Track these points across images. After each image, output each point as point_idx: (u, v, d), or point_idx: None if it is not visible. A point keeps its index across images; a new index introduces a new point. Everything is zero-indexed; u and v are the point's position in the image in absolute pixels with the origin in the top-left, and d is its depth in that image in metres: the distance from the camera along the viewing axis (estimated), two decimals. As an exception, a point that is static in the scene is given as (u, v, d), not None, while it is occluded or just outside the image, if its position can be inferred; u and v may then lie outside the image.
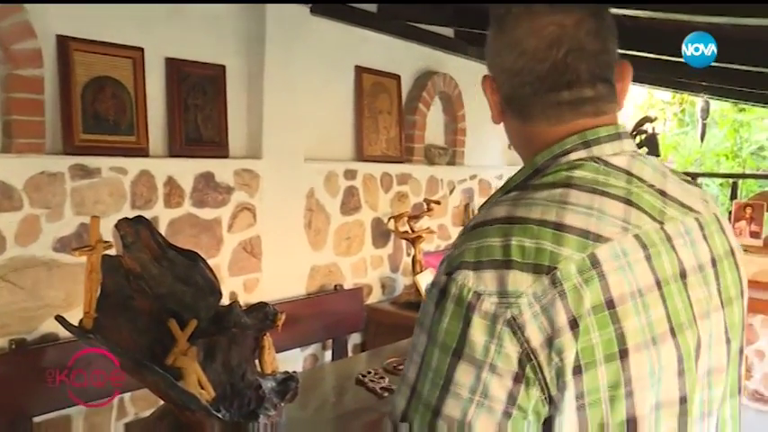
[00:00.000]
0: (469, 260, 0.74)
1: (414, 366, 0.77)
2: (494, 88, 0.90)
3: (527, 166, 0.86)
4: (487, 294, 0.71)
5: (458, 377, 0.72)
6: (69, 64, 2.44)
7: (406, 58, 4.04)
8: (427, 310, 0.76)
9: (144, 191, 2.61)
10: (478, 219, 0.79)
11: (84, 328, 1.39)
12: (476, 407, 0.71)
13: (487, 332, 0.71)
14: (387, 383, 2.30)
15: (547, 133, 0.86)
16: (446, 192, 4.41)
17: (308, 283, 3.43)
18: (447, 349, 0.73)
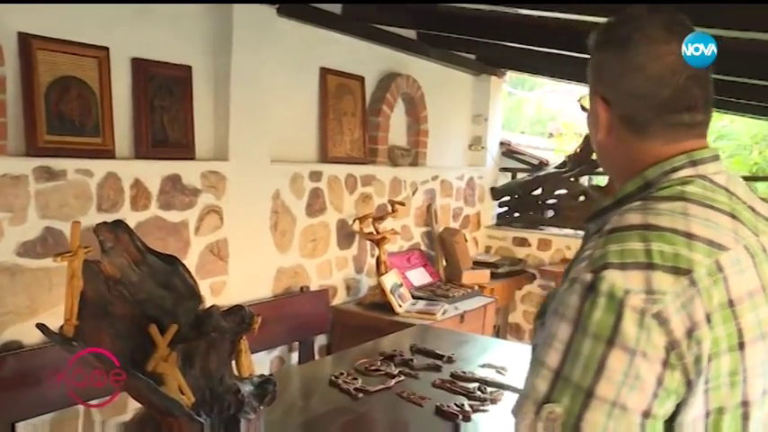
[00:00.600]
0: (615, 261, 0.85)
1: (555, 353, 0.87)
2: (606, 107, 0.99)
3: (637, 179, 0.97)
4: (635, 292, 0.82)
5: (611, 363, 0.82)
6: (32, 63, 2.38)
7: (369, 59, 4.07)
8: (569, 302, 0.87)
9: (110, 193, 2.56)
10: (614, 224, 0.90)
11: (66, 335, 1.36)
12: (628, 389, 0.82)
13: (637, 324, 0.82)
14: (360, 384, 2.31)
15: (659, 151, 0.97)
16: (409, 193, 4.44)
17: (274, 285, 3.42)
18: (600, 338, 0.83)
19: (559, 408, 0.85)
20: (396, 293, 3.70)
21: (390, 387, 2.32)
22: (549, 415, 0.85)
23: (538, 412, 0.86)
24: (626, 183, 0.99)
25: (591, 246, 0.90)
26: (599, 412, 0.83)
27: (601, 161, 1.08)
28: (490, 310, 4.16)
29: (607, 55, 0.99)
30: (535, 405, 0.87)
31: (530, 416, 0.87)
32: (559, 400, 0.85)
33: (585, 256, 0.89)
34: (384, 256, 3.83)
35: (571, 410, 0.84)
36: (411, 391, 2.28)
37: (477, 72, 5.23)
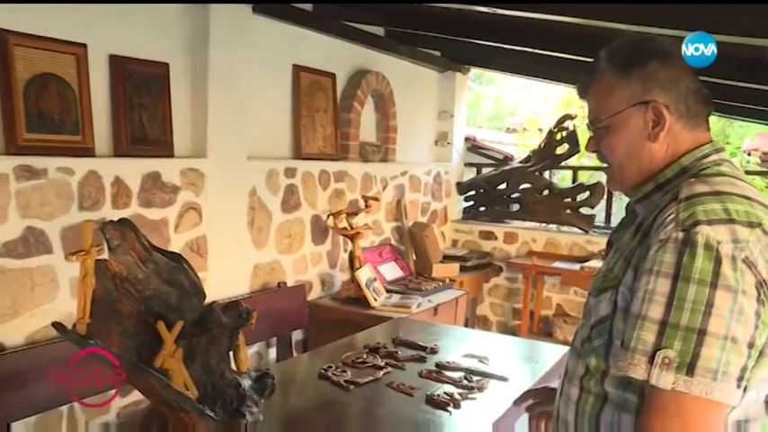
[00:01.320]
0: (703, 219, 1.00)
1: (657, 306, 0.99)
2: (668, 111, 1.14)
3: (674, 165, 1.15)
4: (725, 242, 0.98)
5: (718, 302, 0.96)
6: (9, 59, 2.34)
7: (341, 56, 4.10)
8: (664, 259, 1.00)
9: (92, 192, 2.54)
10: (687, 193, 1.05)
11: (79, 333, 1.37)
12: (735, 323, 0.96)
13: (732, 268, 0.97)
14: (350, 377, 2.35)
15: (701, 140, 1.17)
16: (380, 188, 4.49)
17: (251, 281, 3.43)
18: (704, 283, 0.97)
19: (672, 352, 0.97)
20: (371, 287, 3.74)
21: (379, 379, 2.37)
22: (664, 360, 0.97)
23: (651, 361, 0.98)
24: (652, 174, 1.17)
25: (670, 212, 1.04)
26: (713, 347, 0.95)
27: (644, 167, 1.18)
28: (462, 303, 4.25)
29: (653, 67, 1.14)
30: (645, 355, 0.99)
31: (643, 365, 0.99)
32: (670, 346, 0.97)
33: (666, 221, 1.03)
34: (358, 251, 3.87)
35: (684, 351, 0.96)
36: (400, 381, 2.33)
37: (442, 69, 5.31)
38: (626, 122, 1.17)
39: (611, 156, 1.21)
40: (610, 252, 1.23)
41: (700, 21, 2.45)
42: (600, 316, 1.13)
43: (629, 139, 1.17)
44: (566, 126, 4.82)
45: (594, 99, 1.22)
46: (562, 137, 4.82)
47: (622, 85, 1.16)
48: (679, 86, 1.14)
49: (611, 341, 1.11)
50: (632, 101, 1.15)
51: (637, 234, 1.12)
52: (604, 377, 1.12)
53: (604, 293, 1.13)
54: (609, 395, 1.12)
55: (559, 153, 4.89)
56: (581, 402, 1.17)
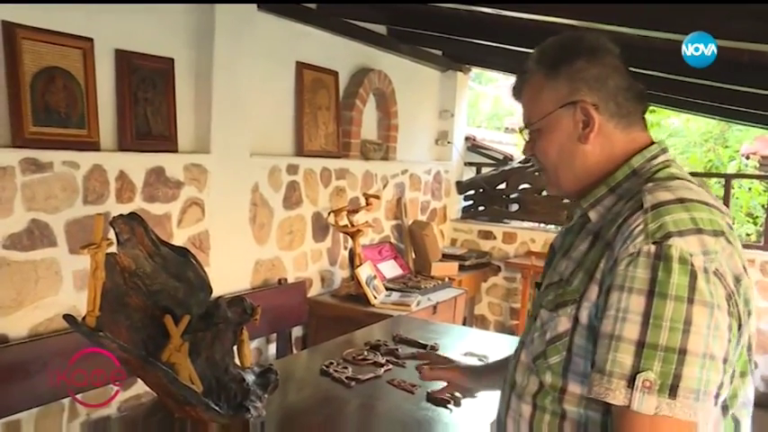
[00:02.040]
0: (674, 230, 0.95)
1: (633, 325, 0.93)
2: (596, 110, 1.10)
3: (624, 167, 1.11)
4: (696, 254, 0.93)
5: (696, 319, 0.91)
6: (17, 52, 2.35)
7: (343, 54, 4.11)
8: (636, 275, 0.94)
9: (96, 186, 2.55)
10: (652, 202, 0.99)
11: (89, 326, 1.38)
12: (712, 339, 0.92)
13: (706, 281, 0.93)
14: (351, 373, 2.37)
15: (639, 138, 1.13)
16: (380, 186, 4.51)
17: (252, 278, 3.45)
18: (681, 299, 0.92)
19: (652, 374, 0.91)
20: (371, 285, 3.76)
21: (380, 376, 2.39)
22: (644, 383, 0.91)
23: (630, 385, 0.92)
24: (591, 176, 1.13)
25: (637, 223, 0.98)
26: (694, 366, 0.91)
27: (577, 170, 1.13)
28: (460, 302, 4.27)
29: (579, 65, 1.10)
30: (623, 379, 0.93)
31: (622, 390, 0.93)
32: (650, 368, 0.91)
33: (635, 232, 0.97)
34: (359, 248, 3.88)
35: (665, 372, 0.91)
36: (400, 379, 2.34)
37: (443, 68, 5.32)
38: (556, 124, 1.12)
39: (545, 159, 1.16)
40: (555, 258, 1.18)
41: (699, 23, 2.46)
42: (558, 332, 1.06)
43: (561, 142, 1.12)
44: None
45: (526, 101, 1.18)
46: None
47: (550, 85, 1.12)
48: (607, 84, 1.10)
49: (570, 358, 1.04)
50: (560, 102, 1.11)
51: (595, 243, 1.06)
52: (562, 395, 1.06)
53: (563, 308, 1.06)
54: (567, 413, 1.06)
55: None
56: (535, 420, 1.10)
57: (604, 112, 1.10)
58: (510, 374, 1.20)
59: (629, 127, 1.12)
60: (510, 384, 1.18)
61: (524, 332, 1.21)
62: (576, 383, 1.04)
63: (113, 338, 1.38)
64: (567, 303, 1.05)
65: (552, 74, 1.12)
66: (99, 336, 1.36)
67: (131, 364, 1.46)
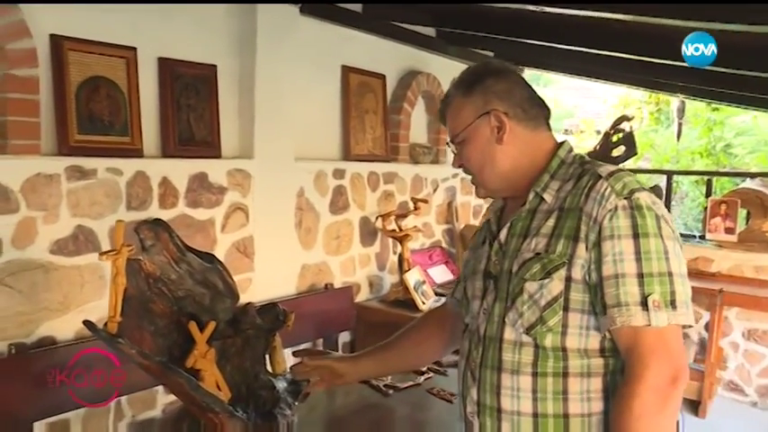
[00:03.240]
0: (634, 187, 1.22)
1: (630, 262, 1.18)
2: (507, 117, 1.34)
3: (555, 159, 1.35)
4: (651, 203, 1.21)
5: (669, 248, 1.19)
6: (63, 64, 2.41)
7: (390, 57, 4.07)
8: (620, 224, 1.19)
9: (139, 192, 2.59)
10: (606, 172, 1.26)
11: (110, 332, 1.38)
12: (680, 262, 1.20)
13: (664, 221, 1.21)
14: (390, 381, 2.32)
15: (548, 138, 1.39)
16: (430, 190, 4.44)
17: (298, 283, 3.44)
18: (657, 236, 1.19)
19: (657, 295, 1.16)
20: (419, 290, 3.70)
21: (420, 384, 2.33)
22: (654, 303, 1.16)
23: (644, 308, 1.16)
24: (523, 172, 1.36)
25: (604, 187, 1.23)
26: (678, 284, 1.18)
27: (498, 168, 1.36)
28: (512, 307, 4.15)
29: (488, 83, 1.36)
30: (637, 305, 1.17)
31: (639, 314, 1.16)
32: (653, 291, 1.17)
33: (605, 194, 1.21)
34: (407, 253, 3.83)
35: (664, 291, 1.17)
36: (440, 387, 2.28)
37: (495, 69, 5.20)
38: (476, 132, 1.36)
39: (470, 165, 1.40)
40: (511, 243, 1.34)
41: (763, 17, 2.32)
42: (553, 295, 1.24)
43: (482, 146, 1.36)
44: (622, 128, 4.67)
45: (450, 121, 1.41)
46: (618, 139, 4.66)
47: (468, 102, 1.37)
48: (514, 95, 1.35)
49: (567, 315, 1.23)
50: (477, 113, 1.35)
51: (563, 214, 1.27)
52: (564, 352, 1.24)
53: (555, 272, 1.24)
54: (570, 368, 1.24)
55: (615, 155, 4.73)
56: (539, 388, 1.26)
57: (513, 117, 1.34)
58: (489, 358, 1.32)
59: (536, 128, 1.37)
60: (493, 367, 1.31)
61: (489, 317, 1.34)
62: (574, 337, 1.24)
63: (132, 345, 1.38)
64: (558, 267, 1.24)
65: (468, 93, 1.37)
66: (118, 342, 1.36)
67: (152, 370, 1.45)
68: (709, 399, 4.14)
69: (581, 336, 1.23)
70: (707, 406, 4.11)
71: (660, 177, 6.15)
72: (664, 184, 5.40)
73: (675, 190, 7.11)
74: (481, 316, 1.37)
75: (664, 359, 1.16)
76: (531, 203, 1.34)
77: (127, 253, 1.41)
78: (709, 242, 4.62)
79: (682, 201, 8.06)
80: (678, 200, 8.09)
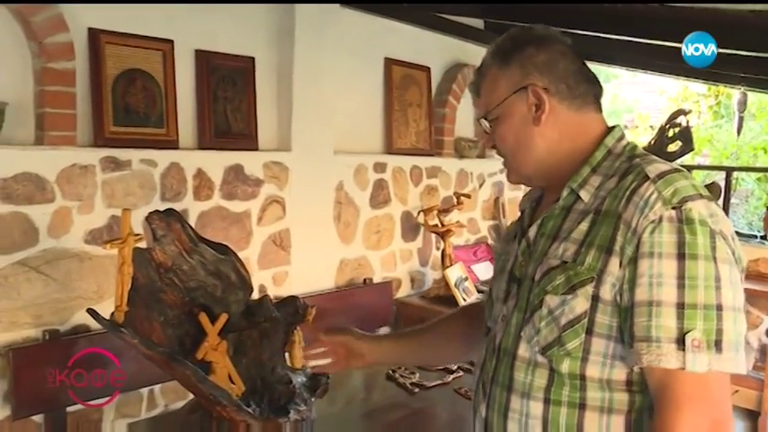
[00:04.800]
0: (686, 195, 1.01)
1: (669, 288, 0.98)
2: (547, 94, 1.15)
3: (601, 148, 1.16)
4: (707, 216, 1.00)
5: (723, 275, 0.98)
6: (100, 56, 2.44)
7: (435, 49, 3.99)
8: (663, 240, 0.99)
9: (174, 183, 2.61)
10: (656, 173, 1.05)
11: (116, 321, 1.38)
12: (735, 292, 0.99)
13: (721, 240, 1.00)
14: (417, 379, 2.27)
15: (596, 121, 1.19)
16: (476, 185, 4.35)
17: (336, 277, 3.42)
18: (709, 258, 0.98)
19: (698, 332, 0.96)
20: (460, 287, 3.63)
21: (448, 383, 2.28)
22: (693, 342, 0.95)
23: (680, 347, 0.96)
24: (562, 159, 1.17)
25: (649, 192, 1.02)
26: (729, 321, 0.97)
27: (534, 153, 1.18)
28: (558, 307, 4.03)
29: (529, 52, 1.17)
30: (672, 342, 0.97)
31: (673, 353, 0.96)
32: (694, 327, 0.96)
33: (650, 200, 1.01)
34: (449, 249, 3.76)
35: (709, 329, 0.96)
36: (469, 387, 2.22)
37: (547, 61, 5.06)
38: (510, 110, 1.18)
39: (503, 146, 1.22)
40: (539, 244, 1.17)
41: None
42: (575, 314, 1.06)
43: (516, 127, 1.18)
44: (678, 122, 4.46)
45: (483, 95, 1.24)
46: (674, 134, 4.46)
47: (504, 75, 1.18)
48: (557, 68, 1.16)
49: (590, 340, 1.05)
50: (513, 88, 1.17)
51: (598, 220, 1.08)
52: (583, 382, 1.06)
53: (581, 288, 1.05)
54: (588, 401, 1.06)
55: (671, 151, 4.53)
56: (551, 417, 1.08)
57: (555, 94, 1.16)
58: (501, 375, 1.16)
59: (581, 108, 1.17)
60: (503, 385, 1.16)
61: (506, 327, 1.18)
62: (596, 366, 1.05)
63: (135, 334, 1.37)
64: (585, 282, 1.05)
65: (505, 64, 1.18)
66: (121, 331, 1.35)
67: (156, 360, 1.44)
68: (770, 408, 3.92)
69: (604, 365, 1.05)
70: (767, 417, 3.88)
71: (719, 174, 5.87)
72: (723, 182, 5.14)
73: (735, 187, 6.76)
74: (500, 323, 1.21)
75: (701, 409, 0.96)
76: (565, 200, 1.15)
77: (133, 242, 1.40)
78: (772, 243, 4.38)
79: (746, 199, 7.67)
80: (742, 198, 7.70)
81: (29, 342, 2.26)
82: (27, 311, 2.25)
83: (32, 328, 2.27)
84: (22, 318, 2.24)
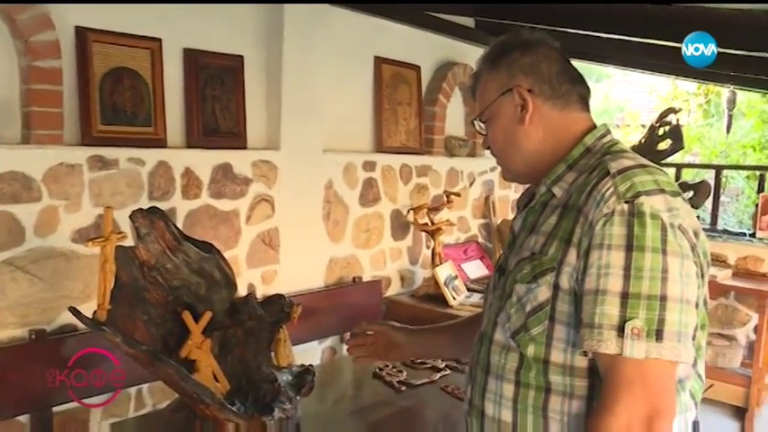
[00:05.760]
0: (642, 190, 1.05)
1: (615, 278, 1.02)
2: (531, 95, 1.21)
3: (579, 146, 1.21)
4: (662, 211, 1.04)
5: (671, 267, 1.01)
6: (87, 55, 2.43)
7: (425, 48, 4.00)
8: (613, 233, 1.03)
9: (162, 182, 2.60)
10: (617, 168, 1.09)
11: (98, 320, 1.38)
12: (685, 285, 1.03)
13: (674, 234, 1.03)
14: (404, 377, 2.28)
15: (580, 120, 1.24)
16: (466, 183, 4.36)
17: (326, 276, 3.42)
18: (657, 250, 1.01)
19: (639, 321, 1.00)
20: (450, 285, 3.63)
21: (435, 381, 2.28)
22: (633, 330, 1.00)
23: (620, 334, 1.00)
24: (547, 157, 1.22)
25: (607, 186, 1.07)
26: (674, 311, 1.00)
27: (521, 151, 1.25)
28: (548, 305, 4.04)
29: (514, 56, 1.24)
30: (613, 329, 1.01)
31: (613, 340, 1.01)
32: (636, 315, 1.00)
33: (606, 195, 1.06)
34: (439, 247, 3.77)
35: (650, 318, 1.00)
36: (456, 385, 2.22)
37: (537, 60, 5.06)
38: (499, 111, 1.25)
39: (495, 146, 1.29)
40: (517, 238, 1.25)
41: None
42: (539, 302, 1.12)
43: (505, 127, 1.25)
44: (668, 121, 4.47)
45: (477, 98, 1.31)
46: (665, 132, 4.47)
47: (493, 78, 1.26)
48: (540, 70, 1.22)
49: (553, 326, 1.11)
50: (501, 90, 1.24)
51: (564, 214, 1.14)
52: (546, 366, 1.12)
53: (542, 277, 1.12)
54: (552, 385, 1.12)
55: (661, 149, 4.54)
56: (520, 398, 1.15)
57: (539, 94, 1.22)
58: (482, 358, 1.24)
59: (566, 108, 1.23)
60: (483, 368, 1.24)
61: (489, 314, 1.27)
62: (559, 352, 1.11)
63: (117, 333, 1.37)
64: (546, 272, 1.12)
65: (494, 68, 1.26)
66: (102, 330, 1.35)
67: (139, 359, 1.44)
68: (757, 406, 3.94)
69: (566, 351, 1.10)
70: (754, 414, 3.91)
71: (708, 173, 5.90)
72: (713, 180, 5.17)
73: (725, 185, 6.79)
74: (486, 311, 1.31)
75: (639, 395, 1.00)
76: (543, 196, 1.22)
77: (116, 240, 1.40)
78: (760, 240, 4.40)
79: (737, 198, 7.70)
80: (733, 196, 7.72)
81: (15, 342, 2.25)
82: (13, 311, 2.24)
83: (18, 328, 2.27)
84: (8, 318, 2.24)
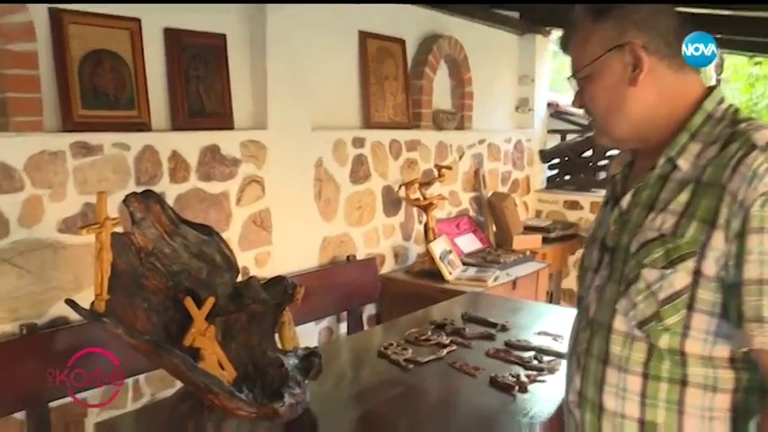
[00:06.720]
0: None
1: None
2: (647, 53, 1.06)
3: (700, 112, 1.07)
4: None
5: None
6: (64, 37, 2.33)
7: (410, 21, 3.92)
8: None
9: (148, 166, 2.52)
10: (764, 138, 0.97)
11: (97, 311, 1.31)
12: None
13: None
14: (410, 355, 2.23)
15: (695, 82, 1.10)
16: (455, 157, 4.31)
17: (320, 255, 3.36)
18: None
19: None
20: (445, 260, 3.59)
21: (442, 357, 2.24)
22: None
23: None
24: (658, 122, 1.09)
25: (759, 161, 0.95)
26: None
27: (628, 115, 1.10)
28: (543, 276, 4.02)
29: (626, 9, 1.08)
30: None
31: None
32: None
33: (759, 171, 0.94)
34: (432, 222, 3.72)
35: None
36: (463, 361, 2.18)
37: (521, 32, 5.01)
38: (604, 69, 1.09)
39: (594, 107, 1.14)
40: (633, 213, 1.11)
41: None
42: (676, 289, 1.00)
43: (610, 87, 1.09)
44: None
45: (574, 50, 1.15)
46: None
47: (598, 31, 1.09)
48: (658, 24, 1.07)
49: (691, 316, 1.00)
50: (608, 45, 1.08)
51: (699, 190, 1.01)
52: (683, 357, 1.02)
53: (681, 263, 1.00)
54: (690, 377, 1.02)
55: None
56: (649, 393, 1.05)
57: (655, 52, 1.06)
58: (595, 348, 1.13)
59: (682, 69, 1.08)
60: (599, 358, 1.12)
61: (599, 298, 1.14)
62: (697, 342, 1.01)
63: (117, 323, 1.30)
64: (686, 257, 1.00)
65: (600, 19, 1.09)
66: (102, 321, 1.28)
67: (142, 350, 1.38)
68: None
69: (706, 342, 1.00)
70: None
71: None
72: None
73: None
74: (592, 293, 1.17)
75: None
76: (662, 169, 1.09)
77: (111, 226, 1.33)
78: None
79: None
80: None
81: (6, 337, 2.18)
82: (2, 306, 2.16)
83: (9, 323, 2.19)
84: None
